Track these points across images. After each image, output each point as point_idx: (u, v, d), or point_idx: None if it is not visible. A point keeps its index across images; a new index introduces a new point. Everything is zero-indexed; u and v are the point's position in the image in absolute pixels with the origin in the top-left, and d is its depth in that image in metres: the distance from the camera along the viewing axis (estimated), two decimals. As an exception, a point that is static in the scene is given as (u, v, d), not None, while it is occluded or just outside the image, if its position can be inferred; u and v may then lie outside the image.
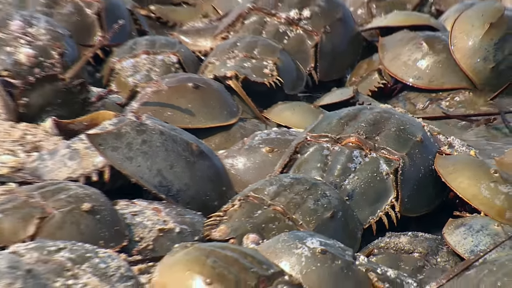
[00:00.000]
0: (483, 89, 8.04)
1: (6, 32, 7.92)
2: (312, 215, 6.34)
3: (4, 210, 6.01)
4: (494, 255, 6.21)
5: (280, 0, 8.28)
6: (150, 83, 7.65)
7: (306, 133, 6.97)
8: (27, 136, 7.12)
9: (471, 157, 7.03)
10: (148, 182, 6.57)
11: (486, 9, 8.16)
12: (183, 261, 5.47)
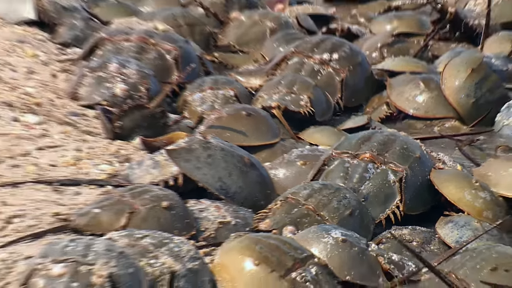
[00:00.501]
0: (466, 118, 7.99)
1: (106, 72, 7.93)
2: (336, 212, 6.31)
3: (102, 206, 6.01)
4: (474, 245, 6.16)
5: (316, 46, 8.22)
6: (214, 111, 7.65)
7: (332, 150, 6.98)
8: (120, 150, 7.10)
9: (458, 170, 6.97)
10: (211, 186, 6.57)
11: (469, 57, 8.15)
12: (237, 247, 5.61)
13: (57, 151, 6.97)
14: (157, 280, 5.41)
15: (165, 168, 6.61)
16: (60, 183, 6.56)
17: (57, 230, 5.89)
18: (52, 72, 8.38)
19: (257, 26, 9.41)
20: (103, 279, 5.04)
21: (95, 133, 7.49)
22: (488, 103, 8.21)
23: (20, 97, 7.77)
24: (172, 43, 8.43)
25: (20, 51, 8.63)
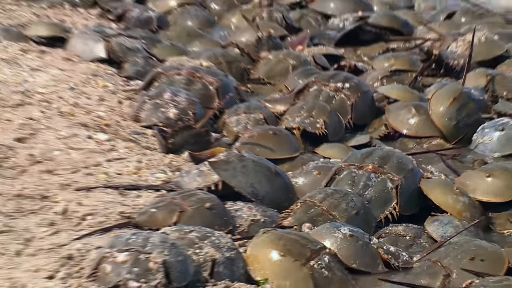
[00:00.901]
0: (448, 137, 7.98)
1: (162, 99, 7.98)
2: (344, 212, 6.29)
3: (158, 207, 6.03)
4: (455, 239, 6.13)
5: (331, 77, 8.32)
6: (247, 131, 7.63)
7: (342, 163, 6.98)
8: (172, 162, 7.09)
9: (442, 179, 6.93)
10: (245, 190, 6.54)
11: (451, 89, 8.18)
12: (265, 241, 5.70)
13: (122, 162, 6.97)
14: (201, 266, 5.41)
15: (208, 177, 6.59)
16: (124, 188, 6.56)
17: (121, 226, 5.91)
18: (119, 100, 8.38)
19: (282, 63, 9.38)
20: (158, 265, 5.09)
21: (152, 148, 7.49)
22: (467, 125, 8.15)
23: (93, 119, 7.78)
24: (214, 77, 8.43)
25: (93, 82, 8.65)
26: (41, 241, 5.60)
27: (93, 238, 5.65)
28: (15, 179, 6.47)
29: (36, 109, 7.74)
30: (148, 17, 10.97)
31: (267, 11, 11.24)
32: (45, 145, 7.04)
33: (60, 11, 11.30)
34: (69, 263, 5.25)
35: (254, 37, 10.05)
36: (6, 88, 8.09)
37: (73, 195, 6.27)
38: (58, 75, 8.66)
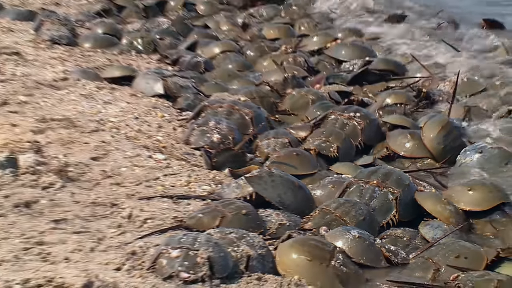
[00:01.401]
0: (437, 158, 7.97)
1: (207, 127, 8.10)
2: (354, 218, 6.22)
3: (204, 212, 6.00)
4: (444, 240, 6.08)
5: (345, 109, 8.51)
6: (275, 153, 7.66)
7: (352, 178, 6.92)
8: (216, 177, 7.09)
9: (433, 192, 6.90)
10: (273, 200, 6.50)
11: (439, 119, 8.18)
12: (293, 250, 5.70)
13: (176, 177, 6.96)
14: (239, 260, 5.39)
15: (244, 189, 6.55)
16: (177, 197, 6.53)
17: (175, 228, 5.87)
18: (173, 127, 8.40)
19: (303, 98, 9.36)
20: (204, 259, 5.11)
21: (199, 166, 7.48)
22: (452, 149, 8.12)
23: (153, 142, 7.79)
24: (249, 109, 8.43)
25: (153, 113, 8.66)
26: (111, 240, 5.59)
27: (152, 238, 5.63)
28: (90, 190, 6.47)
29: (107, 134, 7.76)
30: (197, 62, 10.97)
31: (291, 57, 11.22)
32: (114, 163, 7.05)
33: (127, 56, 11.36)
34: (133, 258, 5.25)
35: (281, 77, 10.02)
36: (84, 117, 8.14)
37: (136, 203, 6.26)
38: (126, 107, 8.69)
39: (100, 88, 9.31)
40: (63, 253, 5.22)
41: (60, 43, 11.29)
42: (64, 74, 9.70)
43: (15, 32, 11.73)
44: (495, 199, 6.81)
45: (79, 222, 5.81)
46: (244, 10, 15.19)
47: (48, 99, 8.60)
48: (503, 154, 8.06)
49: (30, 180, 6.34)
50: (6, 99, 8.36)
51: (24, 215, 5.79)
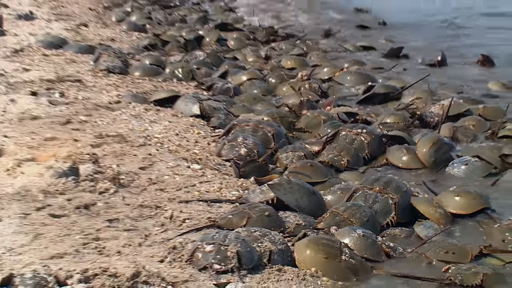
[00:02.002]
0: (429, 169, 7.90)
1: (236, 142, 8.09)
2: (359, 219, 6.17)
3: (233, 214, 6.01)
4: (435, 238, 6.05)
5: (353, 126, 8.48)
6: (293, 164, 7.61)
7: (358, 185, 6.87)
8: (243, 184, 7.10)
9: (425, 197, 6.90)
10: (291, 203, 6.46)
11: (431, 136, 8.17)
12: (308, 245, 5.65)
13: (210, 184, 6.94)
14: (262, 254, 5.38)
15: (267, 194, 6.51)
16: (211, 201, 6.50)
17: (209, 227, 5.85)
18: (208, 142, 8.42)
19: (316, 118, 9.34)
20: (233, 253, 5.14)
21: (229, 174, 7.47)
22: (442, 161, 8.07)
23: (190, 155, 7.80)
24: (271, 127, 8.40)
25: (191, 131, 8.69)
26: (155, 236, 5.60)
27: (189, 235, 5.62)
28: (138, 194, 6.48)
29: (153, 148, 7.78)
30: (228, 87, 10.97)
31: (306, 83, 11.21)
32: (158, 172, 7.06)
33: (170, 83, 11.42)
34: (174, 252, 5.25)
35: (298, 100, 10.01)
36: (134, 134, 8.17)
37: (176, 206, 6.25)
38: (168, 126, 8.72)
39: (147, 109, 9.35)
40: (116, 247, 5.24)
41: (114, 72, 11.36)
42: (117, 98, 9.75)
43: (77, 63, 11.82)
44: (478, 204, 6.77)
45: (129, 222, 5.82)
46: (267, 44, 15.24)
47: (104, 119, 8.65)
48: (485, 167, 7.98)
49: (89, 186, 6.38)
50: (69, 118, 8.42)
51: (83, 215, 5.82)
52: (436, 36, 18.37)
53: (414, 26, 20.16)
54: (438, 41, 17.51)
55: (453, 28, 19.78)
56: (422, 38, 18.11)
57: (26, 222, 5.50)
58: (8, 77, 10.08)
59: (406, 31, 19.29)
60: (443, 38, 18.09)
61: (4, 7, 16.42)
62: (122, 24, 16.57)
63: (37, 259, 4.86)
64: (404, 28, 19.77)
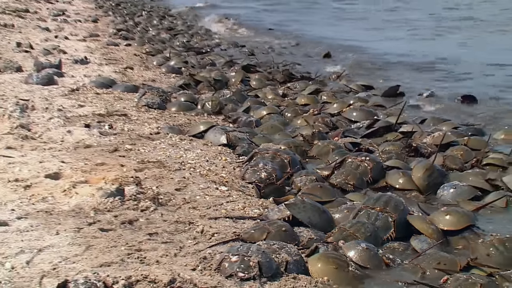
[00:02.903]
0: (423, 191, 7.90)
1: (257, 167, 8.10)
2: (363, 234, 6.12)
3: (255, 229, 6.00)
4: (429, 251, 6.01)
5: (358, 154, 8.43)
6: (306, 186, 7.62)
7: (362, 205, 6.82)
8: (263, 203, 7.09)
9: (420, 215, 6.81)
10: (305, 220, 6.43)
11: (424, 163, 8.12)
12: (320, 258, 5.64)
13: (235, 203, 6.94)
14: (280, 264, 5.40)
15: (284, 212, 6.48)
16: (236, 218, 6.49)
17: (234, 240, 5.82)
18: (233, 167, 8.45)
19: (326, 147, 9.37)
20: (255, 263, 5.13)
21: (252, 195, 7.47)
22: (434, 185, 8.03)
23: (219, 178, 7.83)
24: (288, 154, 8.43)
25: (219, 157, 8.74)
26: (188, 248, 5.59)
27: (218, 247, 5.61)
28: (174, 212, 6.49)
29: (187, 172, 7.81)
30: (250, 121, 11.02)
31: (318, 117, 11.22)
32: (191, 193, 7.08)
33: (201, 117, 11.46)
34: (204, 261, 5.23)
35: (310, 132, 10.04)
36: (170, 160, 8.22)
37: (207, 222, 6.25)
38: (200, 153, 8.75)
39: (182, 139, 9.39)
40: (155, 257, 5.24)
41: (154, 108, 11.44)
42: (157, 130, 9.81)
43: (124, 100, 11.93)
44: (465, 221, 6.69)
45: (166, 235, 5.83)
46: (284, 84, 15.27)
47: (145, 147, 8.71)
48: (470, 190, 7.92)
49: (132, 205, 6.41)
50: (117, 147, 8.49)
51: (128, 229, 5.84)
52: (430, 77, 18.36)
53: (409, 67, 20.17)
54: (431, 81, 17.51)
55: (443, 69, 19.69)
56: (415, 78, 18.09)
57: (79, 235, 5.54)
58: (65, 112, 10.18)
59: (402, 71, 19.29)
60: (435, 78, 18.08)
61: (63, 53, 16.66)
62: (162, 67, 16.69)
63: (88, 267, 4.90)
64: (399, 69, 19.77)
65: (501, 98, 14.94)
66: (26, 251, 5.06)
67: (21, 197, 6.32)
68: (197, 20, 36.70)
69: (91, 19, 28.70)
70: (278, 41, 26.87)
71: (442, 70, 19.36)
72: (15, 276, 4.60)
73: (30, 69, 13.60)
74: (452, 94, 15.26)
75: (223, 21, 34.98)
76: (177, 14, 39.59)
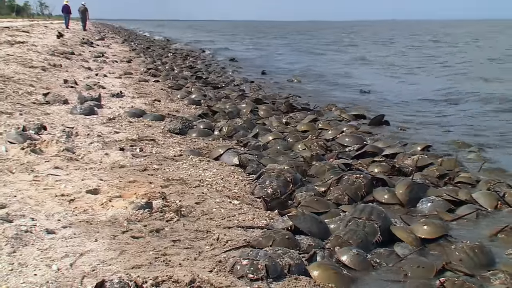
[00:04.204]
0: (405, 205, 7.85)
1: (264, 184, 8.04)
2: (355, 241, 6.11)
3: (263, 237, 5.92)
4: (409, 256, 5.94)
5: (353, 173, 8.30)
6: (305, 200, 7.55)
7: (351, 215, 6.83)
8: (270, 215, 7.02)
9: (401, 226, 6.74)
10: (305, 229, 6.38)
11: (406, 181, 8.22)
12: (320, 266, 5.56)
13: (245, 214, 6.92)
14: (283, 267, 5.29)
15: (287, 222, 6.43)
16: (246, 227, 6.47)
17: (245, 246, 5.78)
18: (244, 184, 8.42)
19: (323, 167, 9.41)
20: (262, 266, 5.03)
21: (260, 208, 7.44)
22: (414, 199, 7.98)
23: (232, 193, 7.83)
24: (290, 173, 8.38)
25: (232, 176, 8.71)
26: (206, 253, 5.55)
27: (231, 252, 5.57)
28: (194, 222, 6.47)
29: (205, 188, 7.80)
30: (259, 145, 11.04)
31: (315, 142, 11.22)
32: (209, 206, 7.06)
33: (216, 142, 11.48)
34: (220, 264, 5.19)
35: (309, 154, 10.04)
36: (191, 178, 8.21)
37: (222, 230, 6.22)
38: (216, 172, 8.73)
39: (201, 160, 9.40)
40: (178, 261, 5.22)
41: (177, 133, 11.51)
42: (180, 152, 9.84)
43: (152, 127, 11.99)
44: (440, 231, 6.65)
45: (188, 242, 5.81)
46: (287, 114, 15.32)
47: (170, 167, 8.72)
48: (445, 204, 7.86)
49: (159, 216, 6.41)
50: (146, 167, 8.52)
51: (155, 237, 5.83)
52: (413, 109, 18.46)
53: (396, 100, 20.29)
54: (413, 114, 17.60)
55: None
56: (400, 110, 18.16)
57: (115, 242, 5.54)
58: (104, 137, 10.24)
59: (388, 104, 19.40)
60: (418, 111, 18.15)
61: (102, 88, 16.83)
62: (184, 100, 16.80)
63: (121, 269, 4.89)
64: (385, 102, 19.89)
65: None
66: (69, 255, 5.06)
67: (66, 209, 6.34)
68: (214, 60, 37.06)
69: (126, 60, 29.01)
70: (282, 78, 27.10)
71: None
72: (60, 277, 4.60)
73: (74, 101, 13.75)
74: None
75: (232, 62, 35.49)
76: (197, 55, 39.97)
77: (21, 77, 15.92)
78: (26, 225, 5.53)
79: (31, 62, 19.89)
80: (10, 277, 4.44)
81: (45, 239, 5.33)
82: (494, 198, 8.04)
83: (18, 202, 6.29)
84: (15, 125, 9.91)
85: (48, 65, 20.31)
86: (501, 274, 5.54)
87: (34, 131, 9.66)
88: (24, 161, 8.02)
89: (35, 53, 23.60)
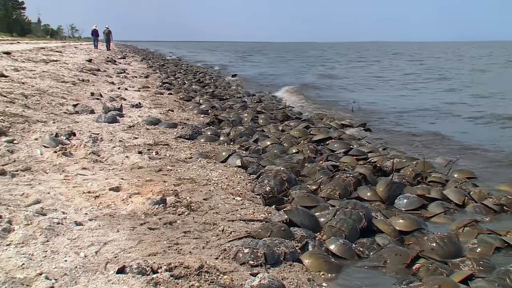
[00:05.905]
0: (384, 201, 7.84)
1: (263, 183, 7.99)
2: (347, 228, 6.11)
3: (262, 228, 5.85)
4: (389, 245, 5.94)
5: (344, 172, 8.31)
6: (298, 196, 7.45)
7: (339, 206, 6.74)
8: (268, 209, 7.01)
9: (382, 219, 6.79)
10: (298, 222, 6.36)
11: (386, 180, 8.10)
12: (311, 256, 5.50)
13: (247, 209, 6.89)
14: (280, 255, 5.27)
15: (282, 216, 6.42)
16: (248, 220, 6.42)
17: (246, 237, 5.75)
18: (246, 182, 8.36)
19: (314, 168, 9.37)
20: (261, 254, 5.00)
21: (259, 204, 7.39)
22: (393, 196, 7.93)
23: (235, 191, 7.79)
24: (286, 174, 8.30)
25: (235, 176, 8.67)
26: (213, 242, 5.54)
27: (234, 242, 5.55)
28: (202, 216, 6.45)
29: (212, 186, 7.78)
30: (258, 149, 11.00)
31: (307, 146, 11.19)
32: (215, 201, 7.04)
33: (221, 146, 11.46)
34: (224, 252, 5.17)
35: (302, 157, 10.03)
36: (200, 177, 8.19)
37: (226, 223, 6.20)
38: (221, 172, 8.72)
39: (208, 162, 9.38)
40: (188, 249, 5.22)
41: (188, 139, 11.50)
42: (190, 155, 9.82)
43: (166, 134, 11.98)
44: (415, 225, 6.63)
45: (197, 233, 5.79)
46: (282, 122, 15.30)
47: (182, 168, 8.70)
48: (419, 200, 7.84)
49: (172, 210, 6.40)
50: (161, 168, 8.50)
51: (169, 228, 5.82)
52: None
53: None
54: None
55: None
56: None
57: (134, 233, 5.53)
58: (124, 142, 10.23)
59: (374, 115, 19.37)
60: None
61: (123, 100, 16.82)
62: (194, 110, 16.78)
63: (140, 256, 4.88)
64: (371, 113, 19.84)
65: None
66: (95, 244, 5.06)
67: (92, 204, 6.34)
68: (220, 76, 37.08)
69: (144, 75, 29.01)
70: (281, 91, 27.06)
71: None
72: (87, 262, 4.60)
73: (100, 111, 13.75)
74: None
75: (235, 78, 35.58)
76: (206, 71, 40.01)
77: (54, 90, 15.95)
78: (57, 218, 5.55)
79: (63, 78, 19.91)
80: (43, 263, 4.46)
81: (74, 230, 5.35)
82: (462, 194, 8.07)
83: (51, 198, 6.31)
84: (49, 131, 9.92)
85: (78, 80, 20.33)
86: (468, 261, 5.54)
87: (65, 137, 9.69)
88: (56, 163, 8.04)
89: (67, 70, 23.63)
